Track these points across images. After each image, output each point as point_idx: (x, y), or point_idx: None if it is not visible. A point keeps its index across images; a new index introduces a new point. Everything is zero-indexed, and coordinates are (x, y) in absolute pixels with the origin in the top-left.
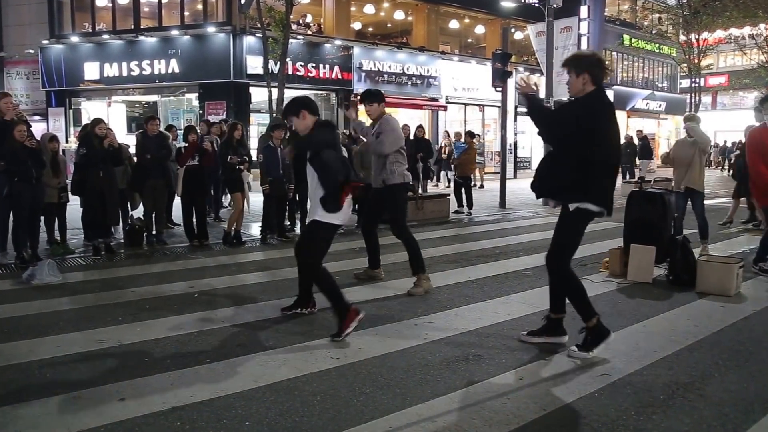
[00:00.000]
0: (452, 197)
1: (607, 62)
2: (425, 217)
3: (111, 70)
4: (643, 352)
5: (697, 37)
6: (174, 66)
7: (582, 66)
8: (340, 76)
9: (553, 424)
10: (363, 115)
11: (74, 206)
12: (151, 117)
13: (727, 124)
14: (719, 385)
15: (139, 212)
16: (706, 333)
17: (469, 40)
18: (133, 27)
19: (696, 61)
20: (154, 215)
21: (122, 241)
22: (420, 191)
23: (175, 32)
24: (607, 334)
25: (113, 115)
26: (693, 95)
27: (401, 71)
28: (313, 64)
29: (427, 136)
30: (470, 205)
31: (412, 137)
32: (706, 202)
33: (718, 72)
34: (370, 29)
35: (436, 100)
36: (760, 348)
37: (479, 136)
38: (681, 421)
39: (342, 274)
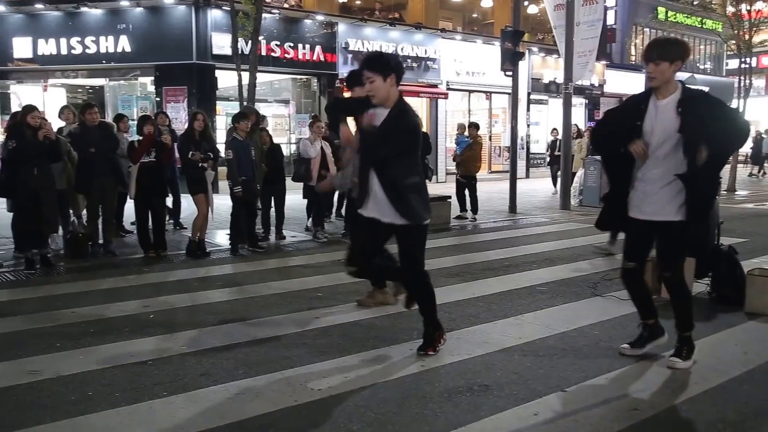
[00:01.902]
0: (454, 200)
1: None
2: None
3: (47, 47)
4: (681, 383)
5: (748, 7)
6: (124, 44)
7: (678, 52)
8: (322, 58)
9: None
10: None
11: (1, 210)
12: (87, 104)
13: None
14: None
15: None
16: (759, 362)
17: (474, 15)
18: None
19: (747, 36)
20: (101, 221)
21: (62, 251)
22: None
23: (125, 3)
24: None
25: (50, 102)
26: (742, 78)
27: (394, 52)
28: (291, 44)
29: (425, 129)
30: (475, 210)
31: None
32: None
33: None
34: (358, 2)
35: (435, 86)
36: None
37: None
38: None
39: (325, 290)
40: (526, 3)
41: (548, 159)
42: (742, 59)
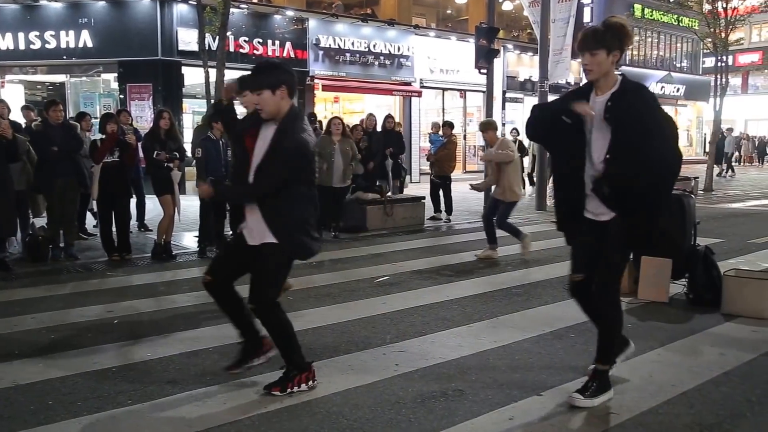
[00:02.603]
0: (428, 200)
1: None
2: (396, 225)
3: (4, 41)
4: (659, 386)
5: (724, 5)
6: (86, 39)
7: (617, 40)
8: (293, 55)
9: None
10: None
11: None
12: (52, 101)
13: (760, 110)
14: (752, 427)
15: (43, 220)
16: (735, 363)
17: (449, 11)
18: None
19: (723, 35)
20: (62, 223)
21: (21, 255)
22: (390, 193)
23: None
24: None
25: (8, 98)
26: (719, 77)
27: (366, 49)
28: (260, 40)
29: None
30: (449, 210)
31: (380, 129)
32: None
33: (751, 48)
34: None
35: (408, 83)
36: None
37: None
38: None
39: (295, 294)
40: (500, 0)
41: None
42: (719, 57)
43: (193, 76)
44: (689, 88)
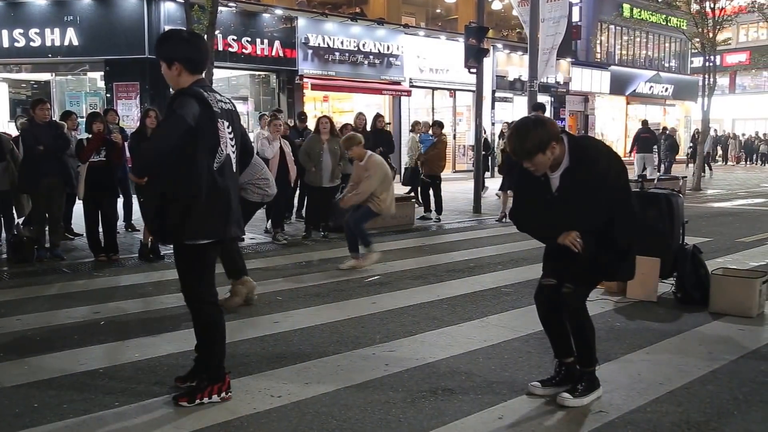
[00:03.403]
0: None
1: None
2: (386, 224)
3: None
4: (647, 384)
5: (712, 5)
6: (72, 37)
7: (546, 138)
8: (281, 54)
9: None
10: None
11: None
12: (38, 100)
13: (747, 109)
14: (739, 425)
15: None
16: (723, 362)
17: (438, 10)
18: None
19: (711, 35)
20: (47, 223)
21: (5, 256)
22: None
23: None
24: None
25: None
26: (706, 77)
27: (356, 48)
28: (249, 39)
29: (388, 127)
30: (439, 210)
31: (369, 128)
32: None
33: (738, 48)
34: None
35: (398, 83)
36: None
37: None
38: None
39: (285, 294)
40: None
41: None
42: (707, 57)
43: None
44: (677, 88)
